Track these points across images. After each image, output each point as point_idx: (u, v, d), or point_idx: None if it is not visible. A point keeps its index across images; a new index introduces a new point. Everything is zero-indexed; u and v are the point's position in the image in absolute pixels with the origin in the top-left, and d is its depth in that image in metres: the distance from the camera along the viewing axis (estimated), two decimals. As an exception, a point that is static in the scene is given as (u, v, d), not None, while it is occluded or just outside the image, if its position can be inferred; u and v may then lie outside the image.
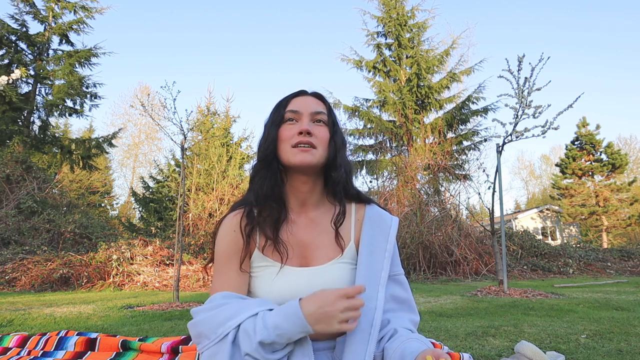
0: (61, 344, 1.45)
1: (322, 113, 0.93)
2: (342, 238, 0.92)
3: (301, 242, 0.91)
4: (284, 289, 0.86)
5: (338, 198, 0.94)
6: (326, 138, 0.91)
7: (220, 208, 10.41)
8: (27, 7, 12.46)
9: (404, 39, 15.27)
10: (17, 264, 7.15)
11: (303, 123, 0.90)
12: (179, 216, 4.11)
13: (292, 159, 0.88)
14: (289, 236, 0.91)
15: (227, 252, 0.89)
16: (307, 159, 0.87)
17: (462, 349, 1.77)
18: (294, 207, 0.94)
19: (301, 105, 0.93)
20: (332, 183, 0.93)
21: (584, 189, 19.94)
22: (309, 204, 0.95)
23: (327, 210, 0.96)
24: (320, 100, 0.97)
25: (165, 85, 4.20)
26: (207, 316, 0.78)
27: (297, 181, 0.92)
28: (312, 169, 0.90)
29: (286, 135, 0.90)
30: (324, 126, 0.93)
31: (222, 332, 0.75)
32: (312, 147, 0.88)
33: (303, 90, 0.99)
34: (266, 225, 0.89)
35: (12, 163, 10.55)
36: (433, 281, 7.07)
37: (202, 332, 0.77)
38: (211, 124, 13.62)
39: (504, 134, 4.46)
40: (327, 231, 0.93)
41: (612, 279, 7.34)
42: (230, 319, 0.75)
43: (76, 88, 12.64)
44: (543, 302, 3.48)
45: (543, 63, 4.20)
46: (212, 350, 0.75)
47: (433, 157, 10.38)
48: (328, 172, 0.93)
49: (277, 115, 0.94)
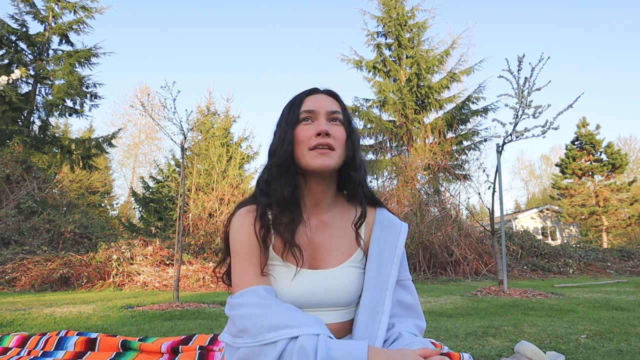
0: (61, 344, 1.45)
1: (338, 112, 0.90)
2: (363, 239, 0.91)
3: (313, 244, 0.90)
4: (294, 291, 0.85)
5: (358, 199, 0.92)
6: (343, 138, 0.89)
7: (220, 208, 10.42)
8: (27, 7, 12.46)
9: (404, 39, 15.27)
10: (17, 264, 7.15)
11: (320, 123, 0.87)
12: (179, 216, 4.11)
13: (312, 163, 0.85)
14: (303, 238, 0.89)
15: (248, 245, 0.86)
16: (327, 162, 0.84)
17: (462, 349, 1.77)
18: (308, 208, 0.92)
19: (316, 104, 0.90)
20: (352, 184, 0.91)
21: (584, 189, 19.94)
22: (322, 205, 0.93)
23: (339, 212, 0.94)
24: (335, 99, 0.94)
25: (165, 85, 4.20)
26: (255, 313, 0.76)
27: (312, 183, 0.90)
28: (330, 172, 0.88)
29: (303, 137, 0.87)
30: (340, 125, 0.90)
31: (272, 337, 0.72)
32: (330, 149, 0.86)
33: (316, 88, 0.95)
34: (282, 229, 0.86)
35: (12, 163, 10.55)
36: (433, 281, 7.07)
37: (247, 328, 0.75)
38: (211, 124, 13.63)
39: (504, 134, 4.46)
40: (339, 234, 0.92)
41: (612, 279, 7.34)
42: (284, 328, 0.73)
43: (76, 88, 12.64)
44: (543, 302, 3.48)
45: (543, 63, 4.20)
46: (253, 350, 0.73)
47: (433, 157, 10.38)
48: (343, 173, 0.91)
49: (292, 115, 0.90)
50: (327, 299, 0.86)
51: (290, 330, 0.72)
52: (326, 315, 0.87)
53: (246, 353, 0.74)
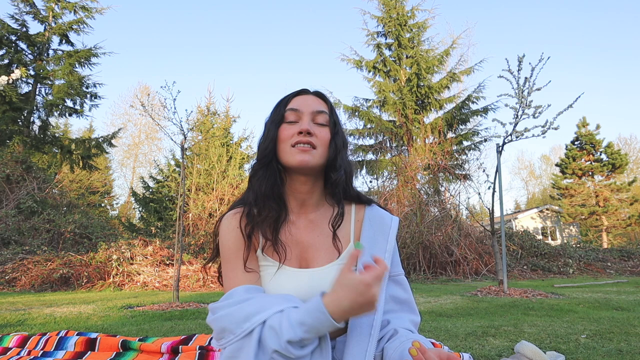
0: (61, 344, 1.45)
1: (324, 112, 0.92)
2: (340, 240, 0.91)
3: (300, 243, 0.90)
4: (283, 290, 0.85)
5: (337, 199, 0.93)
6: (327, 139, 0.90)
7: (220, 208, 10.42)
8: (27, 7, 12.46)
9: (404, 39, 15.27)
10: (17, 264, 7.15)
11: (303, 123, 0.88)
12: (179, 216, 4.11)
13: (291, 159, 0.86)
14: (289, 237, 0.90)
15: (234, 247, 0.88)
16: (306, 159, 0.86)
17: (462, 349, 1.77)
18: (294, 208, 0.93)
19: (302, 104, 0.91)
20: (331, 184, 0.91)
21: (584, 189, 19.94)
22: (309, 205, 0.93)
23: (327, 212, 0.95)
24: (322, 100, 0.95)
25: (165, 85, 4.20)
26: (231, 311, 0.77)
27: (296, 182, 0.91)
28: (311, 170, 0.89)
29: (286, 135, 0.89)
30: (325, 126, 0.91)
31: (248, 327, 0.73)
32: (312, 147, 0.87)
33: (305, 88, 0.97)
34: (265, 225, 0.88)
35: (12, 163, 10.55)
36: (433, 281, 7.07)
37: (226, 326, 0.76)
38: (211, 124, 13.63)
39: (504, 134, 4.46)
40: (327, 233, 0.92)
41: (612, 279, 7.34)
42: (256, 314, 0.74)
43: (76, 88, 12.64)
44: (543, 302, 3.48)
45: (543, 63, 4.21)
46: (237, 345, 0.74)
47: (433, 157, 10.38)
48: (328, 173, 0.92)
49: (277, 114, 0.92)
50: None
51: (261, 315, 0.74)
52: None
53: (230, 350, 0.74)
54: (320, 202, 0.95)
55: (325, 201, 0.96)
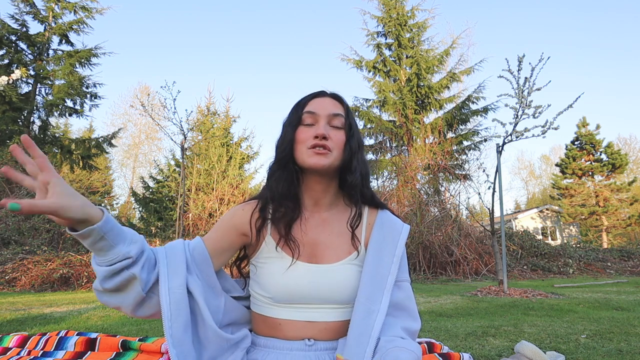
0: (61, 344, 1.45)
1: (340, 115, 0.94)
2: (359, 239, 0.94)
3: (312, 240, 0.93)
4: (291, 281, 0.87)
5: (354, 201, 0.96)
6: (342, 142, 0.92)
7: (220, 208, 10.41)
8: (27, 7, 12.45)
9: (404, 39, 15.27)
10: (17, 264, 7.15)
11: (319, 126, 0.91)
12: (179, 216, 4.12)
13: (307, 160, 0.89)
14: (301, 234, 0.92)
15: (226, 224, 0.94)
16: (322, 161, 0.88)
17: (462, 349, 1.77)
18: (308, 205, 0.96)
19: (319, 106, 0.93)
20: (348, 187, 0.94)
21: (584, 189, 19.95)
22: (322, 204, 0.96)
23: (340, 212, 0.97)
24: (339, 102, 0.97)
25: (165, 85, 4.22)
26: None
27: (311, 180, 0.94)
28: (326, 171, 0.91)
29: (302, 138, 0.91)
30: (341, 129, 0.93)
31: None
32: (327, 150, 0.89)
33: (322, 90, 0.99)
34: (280, 222, 0.91)
35: (12, 163, 10.55)
36: (433, 281, 7.07)
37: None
38: (211, 124, 13.62)
39: (504, 134, 4.46)
40: (338, 232, 0.94)
41: (612, 279, 7.34)
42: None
43: (76, 88, 12.64)
44: (543, 302, 3.48)
45: (543, 63, 4.21)
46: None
47: (433, 157, 10.38)
48: (343, 175, 0.94)
49: (295, 116, 0.94)
50: (323, 293, 0.87)
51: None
52: (325, 312, 0.88)
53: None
54: (334, 202, 0.98)
55: (339, 201, 0.98)
